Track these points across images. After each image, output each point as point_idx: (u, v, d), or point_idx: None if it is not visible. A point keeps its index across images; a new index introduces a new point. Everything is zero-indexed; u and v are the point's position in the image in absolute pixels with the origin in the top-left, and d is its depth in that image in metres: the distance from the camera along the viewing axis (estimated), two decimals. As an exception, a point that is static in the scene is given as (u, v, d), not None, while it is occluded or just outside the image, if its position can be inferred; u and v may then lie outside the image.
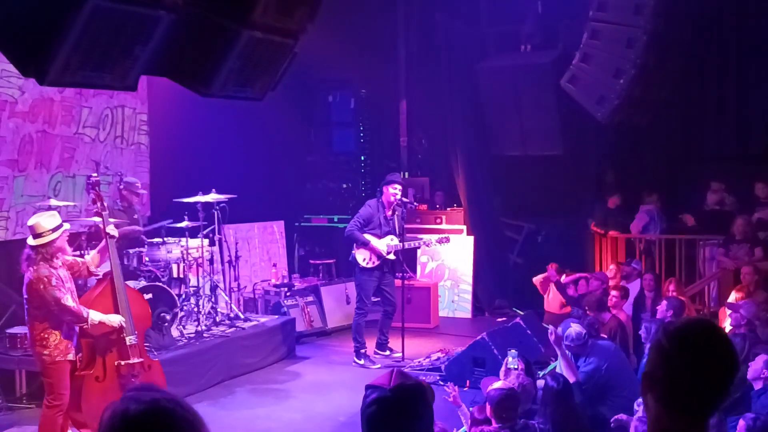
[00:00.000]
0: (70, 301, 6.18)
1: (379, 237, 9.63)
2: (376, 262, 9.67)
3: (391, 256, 9.76)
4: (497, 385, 5.76)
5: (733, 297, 9.12)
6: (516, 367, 6.61)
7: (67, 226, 6.43)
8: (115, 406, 1.82)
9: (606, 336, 8.06)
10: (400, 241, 9.71)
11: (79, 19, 2.61)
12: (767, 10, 11.46)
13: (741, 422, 5.22)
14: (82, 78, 2.83)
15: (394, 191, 9.66)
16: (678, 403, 2.16)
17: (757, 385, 6.29)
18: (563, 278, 10.81)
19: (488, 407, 5.56)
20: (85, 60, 2.73)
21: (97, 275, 7.17)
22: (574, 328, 7.20)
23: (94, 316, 6.30)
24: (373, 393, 2.49)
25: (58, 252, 6.22)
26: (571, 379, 6.47)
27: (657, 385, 2.19)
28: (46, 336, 6.17)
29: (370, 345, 9.97)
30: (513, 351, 6.96)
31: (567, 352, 7.01)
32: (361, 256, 9.62)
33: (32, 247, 6.14)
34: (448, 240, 10.52)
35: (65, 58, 2.69)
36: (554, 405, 5.78)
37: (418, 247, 11.17)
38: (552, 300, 10.85)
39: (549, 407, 5.79)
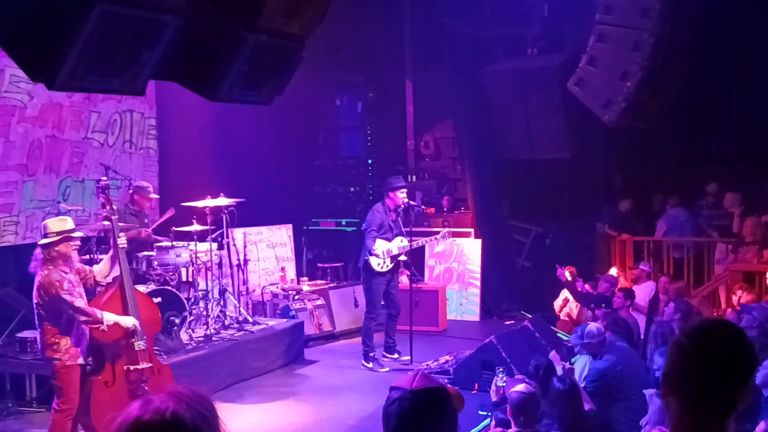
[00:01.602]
0: (83, 303, 6.21)
1: (390, 240, 9.68)
2: (390, 266, 9.73)
3: (403, 257, 9.82)
4: (519, 388, 5.75)
5: (741, 297, 9.08)
6: (504, 384, 6.58)
7: (78, 234, 6.43)
8: (125, 412, 1.83)
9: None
10: (408, 242, 9.77)
11: (87, 24, 2.63)
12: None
13: (762, 424, 5.19)
14: (90, 83, 2.85)
15: (402, 195, 9.71)
16: (701, 403, 2.15)
17: (766, 392, 6.25)
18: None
19: (508, 409, 5.54)
20: (94, 65, 2.75)
21: (103, 285, 7.18)
22: (593, 324, 7.21)
23: (109, 317, 6.32)
24: (395, 393, 2.51)
25: (61, 258, 6.18)
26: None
27: (679, 385, 2.19)
28: (57, 341, 6.19)
29: (379, 349, 9.98)
30: (500, 368, 6.96)
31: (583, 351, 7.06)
32: (376, 261, 9.65)
33: (40, 247, 6.18)
34: (450, 235, 10.55)
35: (74, 63, 2.71)
36: (562, 406, 5.76)
37: (424, 245, 11.15)
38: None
39: (557, 408, 5.77)
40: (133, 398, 6.38)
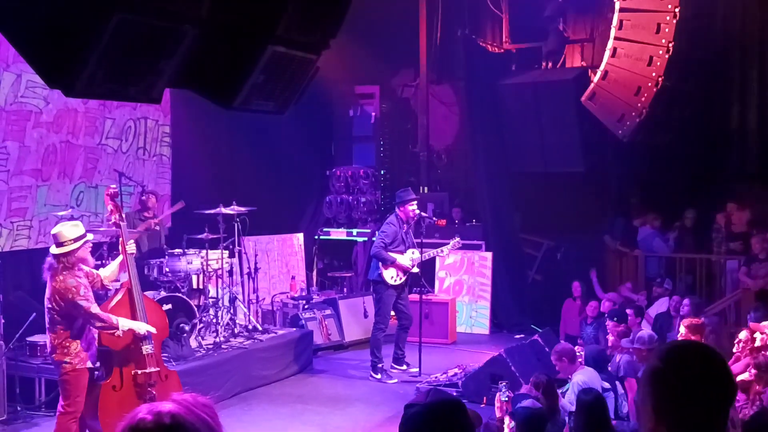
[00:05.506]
0: (98, 309, 6.25)
1: (402, 253, 9.69)
2: (403, 278, 9.75)
3: (416, 269, 9.82)
4: (526, 403, 5.68)
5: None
6: (507, 399, 6.51)
7: (90, 236, 6.48)
8: (129, 416, 1.84)
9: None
10: (420, 254, 9.77)
11: (105, 32, 2.64)
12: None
13: None
14: (107, 90, 2.85)
15: (413, 207, 9.72)
16: (692, 429, 2.13)
17: None
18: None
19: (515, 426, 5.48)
20: (111, 73, 2.75)
21: (110, 289, 7.23)
22: (646, 330, 7.18)
23: (124, 323, 6.35)
24: (410, 409, 2.54)
25: (80, 262, 6.27)
26: None
27: (667, 416, 2.16)
28: (68, 344, 6.23)
29: (387, 360, 9.96)
30: (503, 383, 6.90)
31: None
32: (389, 274, 9.65)
33: (54, 256, 6.20)
34: (460, 245, 10.51)
35: (91, 70, 2.72)
36: (588, 418, 5.68)
37: (435, 257, 11.12)
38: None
39: (583, 420, 5.69)
40: (141, 402, 6.40)
